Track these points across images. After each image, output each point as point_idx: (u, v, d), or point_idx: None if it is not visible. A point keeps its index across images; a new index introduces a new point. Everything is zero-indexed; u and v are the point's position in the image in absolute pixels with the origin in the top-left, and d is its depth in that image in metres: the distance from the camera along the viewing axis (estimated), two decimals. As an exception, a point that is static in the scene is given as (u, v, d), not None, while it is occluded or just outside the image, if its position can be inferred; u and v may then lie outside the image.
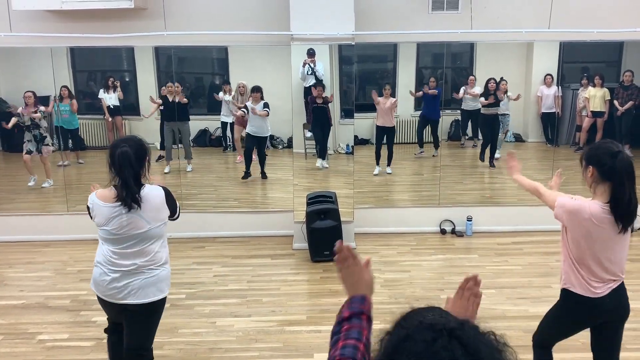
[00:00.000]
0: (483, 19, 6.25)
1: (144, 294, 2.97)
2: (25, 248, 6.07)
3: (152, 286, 2.99)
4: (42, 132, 6.78)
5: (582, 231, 2.63)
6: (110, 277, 2.95)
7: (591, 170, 2.61)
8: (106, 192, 2.93)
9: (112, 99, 7.43)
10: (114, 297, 2.98)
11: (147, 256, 2.97)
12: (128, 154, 2.83)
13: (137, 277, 2.96)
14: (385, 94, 7.02)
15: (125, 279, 2.95)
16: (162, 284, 3.05)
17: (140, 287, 2.96)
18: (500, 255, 5.69)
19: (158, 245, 3.02)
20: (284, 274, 5.33)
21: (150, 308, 3.01)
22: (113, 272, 2.95)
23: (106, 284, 2.97)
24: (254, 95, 6.84)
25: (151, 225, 2.94)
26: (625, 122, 7.28)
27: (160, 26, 6.10)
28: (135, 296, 2.96)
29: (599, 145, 2.75)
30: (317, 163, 6.85)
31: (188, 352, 3.89)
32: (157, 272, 3.01)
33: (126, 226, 2.89)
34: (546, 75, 7.40)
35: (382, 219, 6.38)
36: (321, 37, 5.68)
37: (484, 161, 7.39)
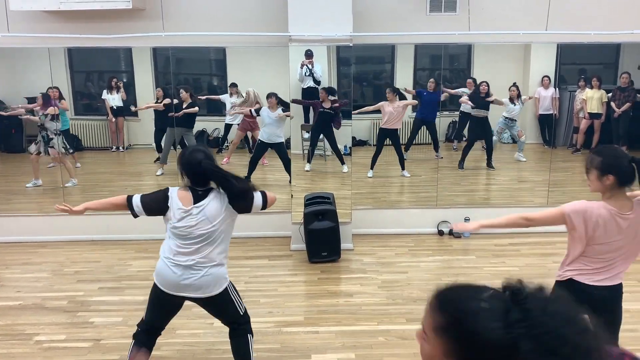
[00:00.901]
0: (481, 21, 6.26)
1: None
2: (21, 249, 6.06)
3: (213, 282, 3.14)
4: (49, 134, 6.75)
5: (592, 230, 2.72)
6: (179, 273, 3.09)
7: (611, 178, 2.64)
8: (184, 194, 3.09)
9: (115, 99, 7.44)
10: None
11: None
12: (211, 162, 3.07)
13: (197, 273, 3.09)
14: (389, 97, 6.97)
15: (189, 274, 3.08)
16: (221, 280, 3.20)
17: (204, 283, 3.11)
18: (497, 256, 5.70)
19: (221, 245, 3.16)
20: (282, 275, 5.33)
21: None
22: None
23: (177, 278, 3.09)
24: (269, 101, 6.68)
25: (215, 226, 3.07)
26: (623, 123, 7.30)
27: (158, 27, 6.10)
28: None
29: (611, 152, 2.75)
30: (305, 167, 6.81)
31: (185, 353, 3.89)
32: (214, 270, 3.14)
33: (194, 225, 3.05)
34: (543, 77, 7.42)
35: (380, 220, 6.38)
36: (319, 38, 5.68)
37: (462, 169, 7.34)
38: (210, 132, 7.93)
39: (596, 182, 2.71)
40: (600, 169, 2.66)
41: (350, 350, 3.89)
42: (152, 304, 3.23)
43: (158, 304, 3.21)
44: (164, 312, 3.26)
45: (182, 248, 3.06)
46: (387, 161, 7.29)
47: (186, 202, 3.05)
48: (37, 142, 6.78)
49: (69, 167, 6.87)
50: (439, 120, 7.21)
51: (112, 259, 5.69)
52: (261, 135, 6.84)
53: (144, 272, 5.35)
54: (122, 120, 7.57)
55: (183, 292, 3.10)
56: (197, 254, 3.07)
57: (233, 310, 3.28)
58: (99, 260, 5.70)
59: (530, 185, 7.33)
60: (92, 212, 3.43)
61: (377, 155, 7.14)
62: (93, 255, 5.82)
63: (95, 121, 7.66)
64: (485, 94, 7.03)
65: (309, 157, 6.79)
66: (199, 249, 3.06)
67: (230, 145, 7.54)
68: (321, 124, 6.63)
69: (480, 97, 7.08)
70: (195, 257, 3.06)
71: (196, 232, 3.03)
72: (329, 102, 6.45)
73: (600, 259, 2.79)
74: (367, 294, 4.82)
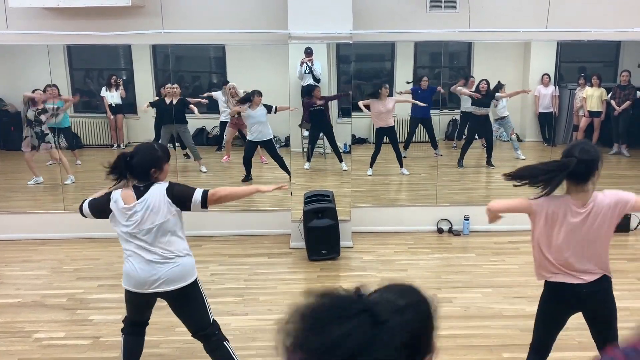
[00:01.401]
0: (481, 18, 6.25)
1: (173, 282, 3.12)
2: (21, 246, 6.06)
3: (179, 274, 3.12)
4: (43, 129, 6.72)
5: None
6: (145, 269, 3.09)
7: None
8: (126, 193, 3.09)
9: (114, 97, 7.42)
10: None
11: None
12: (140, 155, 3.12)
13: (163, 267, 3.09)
14: (382, 94, 6.96)
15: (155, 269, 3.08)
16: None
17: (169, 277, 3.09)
18: (497, 254, 5.70)
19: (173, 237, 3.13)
20: (281, 272, 5.33)
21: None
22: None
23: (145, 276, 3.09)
24: (255, 99, 6.70)
25: (164, 219, 3.07)
26: (623, 122, 7.30)
27: (157, 24, 6.09)
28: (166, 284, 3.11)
29: (569, 147, 2.77)
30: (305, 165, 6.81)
31: (185, 351, 3.89)
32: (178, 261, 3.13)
33: (141, 220, 3.04)
34: (543, 75, 7.41)
35: (380, 218, 6.38)
36: (319, 35, 5.67)
37: (462, 167, 7.34)
38: (209, 130, 7.92)
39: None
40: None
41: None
42: (128, 305, 3.28)
43: (132, 304, 3.26)
44: (140, 310, 3.30)
45: (141, 246, 3.06)
46: (386, 159, 7.29)
47: (129, 200, 3.06)
48: (26, 138, 6.72)
49: (66, 164, 6.87)
50: (438, 118, 7.20)
51: (111, 257, 5.69)
52: (248, 135, 6.85)
53: (143, 269, 5.36)
54: (122, 118, 7.56)
55: (154, 288, 3.08)
56: (157, 248, 3.06)
57: (203, 312, 3.22)
58: (99, 257, 5.70)
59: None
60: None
61: (377, 154, 7.14)
62: (92, 253, 5.82)
63: (95, 119, 7.65)
64: (486, 92, 7.02)
65: (309, 155, 6.79)
66: (157, 242, 3.05)
67: (225, 144, 7.53)
68: (318, 122, 6.63)
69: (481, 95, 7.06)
70: (157, 251, 3.06)
71: (145, 226, 3.03)
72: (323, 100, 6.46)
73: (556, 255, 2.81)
74: (367, 291, 4.81)
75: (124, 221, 3.06)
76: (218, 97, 7.52)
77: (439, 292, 4.77)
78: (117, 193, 3.10)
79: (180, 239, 3.15)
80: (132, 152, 3.11)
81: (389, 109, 6.93)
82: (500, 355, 3.78)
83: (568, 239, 2.74)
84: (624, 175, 7.27)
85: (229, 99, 7.24)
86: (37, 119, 6.66)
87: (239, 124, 7.30)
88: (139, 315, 3.32)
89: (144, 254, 3.06)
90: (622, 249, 5.65)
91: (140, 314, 3.33)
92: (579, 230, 2.73)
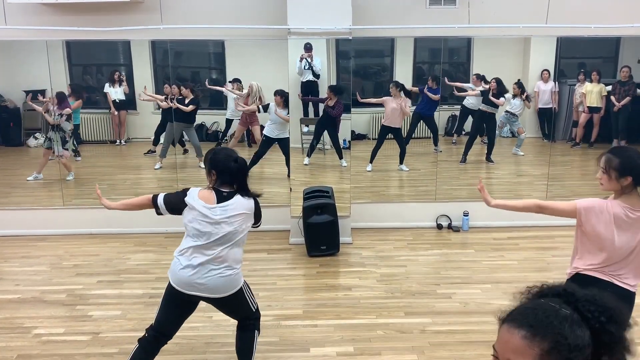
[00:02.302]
0: (480, 14, 6.24)
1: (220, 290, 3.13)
2: (20, 242, 6.06)
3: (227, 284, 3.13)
4: (65, 136, 6.73)
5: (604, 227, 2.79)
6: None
7: (629, 179, 2.73)
8: (206, 194, 3.08)
9: (117, 93, 7.41)
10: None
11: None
12: (246, 163, 3.15)
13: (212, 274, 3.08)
14: (393, 93, 6.95)
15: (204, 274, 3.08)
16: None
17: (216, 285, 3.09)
18: (496, 250, 5.71)
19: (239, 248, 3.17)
20: (281, 268, 5.33)
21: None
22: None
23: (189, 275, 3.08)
24: (276, 99, 6.68)
25: (236, 228, 3.08)
26: (622, 118, 7.30)
27: (156, 20, 6.07)
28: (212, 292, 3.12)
29: (630, 154, 2.81)
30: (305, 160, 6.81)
31: (184, 347, 3.89)
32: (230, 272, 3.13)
33: (216, 224, 3.04)
34: (543, 71, 7.41)
35: (379, 214, 6.38)
36: (318, 31, 5.66)
37: (465, 162, 7.32)
38: (209, 125, 7.91)
39: (614, 182, 2.79)
40: (619, 170, 2.75)
41: (349, 344, 3.90)
42: (166, 304, 3.18)
43: (172, 303, 3.16)
44: (177, 313, 3.20)
45: (199, 247, 3.04)
46: (386, 155, 7.29)
47: (210, 201, 3.04)
48: (51, 140, 6.72)
49: (66, 162, 6.87)
50: (438, 114, 7.20)
51: (111, 253, 5.69)
52: (268, 131, 6.83)
53: (142, 265, 5.36)
54: (125, 114, 7.55)
55: (196, 292, 3.07)
56: (213, 254, 3.04)
57: (246, 309, 3.30)
58: (98, 253, 5.70)
59: (529, 179, 7.34)
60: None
61: (377, 150, 7.14)
62: (92, 249, 5.82)
63: (93, 114, 7.64)
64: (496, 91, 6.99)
65: (309, 151, 6.79)
66: (216, 249, 3.04)
67: (232, 140, 7.53)
68: (325, 121, 6.63)
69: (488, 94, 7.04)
70: (211, 257, 3.04)
71: (217, 231, 3.02)
72: (334, 101, 6.44)
73: (608, 257, 2.81)
74: (366, 287, 4.83)
75: (198, 221, 3.03)
76: (227, 94, 7.48)
77: (438, 287, 4.78)
78: (195, 191, 3.10)
79: (239, 249, 3.16)
80: (235, 156, 3.10)
81: (393, 108, 6.92)
82: (499, 351, 3.78)
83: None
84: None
85: (253, 94, 7.09)
86: (62, 126, 6.63)
87: (249, 122, 7.29)
88: (172, 319, 3.20)
89: (197, 256, 3.04)
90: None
91: (174, 318, 3.21)
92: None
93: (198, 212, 3.03)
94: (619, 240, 2.77)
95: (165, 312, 3.19)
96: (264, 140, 6.90)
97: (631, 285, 2.83)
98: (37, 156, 6.94)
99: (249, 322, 3.34)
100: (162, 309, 3.20)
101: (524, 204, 3.15)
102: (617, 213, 2.76)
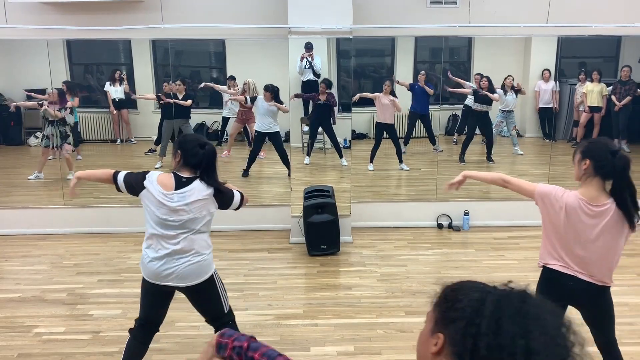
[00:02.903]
0: (481, 13, 6.23)
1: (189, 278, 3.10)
2: (21, 241, 6.06)
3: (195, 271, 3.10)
4: (67, 130, 6.71)
5: (556, 216, 2.76)
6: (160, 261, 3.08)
7: (587, 163, 2.67)
8: (166, 179, 3.04)
9: (118, 92, 7.40)
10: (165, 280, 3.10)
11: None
12: (215, 151, 3.08)
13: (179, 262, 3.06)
14: (385, 90, 6.98)
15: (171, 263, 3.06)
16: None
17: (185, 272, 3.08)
18: (496, 249, 5.71)
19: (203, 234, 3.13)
20: (281, 268, 5.33)
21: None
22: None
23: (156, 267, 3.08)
24: (265, 94, 6.70)
25: (202, 214, 3.05)
26: (623, 117, 7.29)
27: (157, 19, 6.07)
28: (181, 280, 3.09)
29: (598, 141, 2.86)
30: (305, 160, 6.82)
31: (185, 346, 3.90)
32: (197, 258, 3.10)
33: (174, 211, 3.01)
34: (544, 70, 7.40)
35: (379, 214, 6.38)
36: (319, 30, 5.65)
37: (463, 162, 7.32)
38: (209, 124, 7.91)
39: (576, 167, 2.75)
40: (581, 153, 2.72)
41: (349, 343, 3.90)
42: (143, 296, 3.23)
43: (149, 294, 3.20)
44: (154, 304, 3.23)
45: (161, 237, 3.03)
46: (386, 154, 7.29)
47: (168, 187, 3.00)
48: (49, 137, 6.72)
49: (69, 157, 6.85)
50: (438, 113, 7.19)
51: (111, 252, 5.69)
52: (257, 126, 6.86)
53: (143, 264, 5.37)
54: (127, 113, 7.55)
55: (167, 282, 3.07)
56: (176, 242, 3.02)
57: (218, 304, 3.22)
58: (99, 252, 5.70)
59: (530, 178, 7.30)
60: (83, 181, 3.42)
61: (376, 150, 7.14)
62: (92, 248, 5.82)
63: (94, 113, 7.63)
64: (487, 89, 7.00)
65: (309, 150, 6.79)
66: (178, 238, 3.02)
67: (229, 138, 7.53)
68: (319, 117, 6.64)
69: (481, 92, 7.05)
70: (176, 248, 3.02)
71: (176, 218, 2.98)
72: (325, 95, 6.46)
73: (567, 250, 2.77)
74: (366, 287, 4.83)
75: (155, 207, 3.00)
76: (223, 91, 7.49)
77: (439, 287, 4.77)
78: (154, 174, 3.06)
79: (204, 236, 3.12)
80: (204, 142, 3.07)
81: (385, 104, 6.95)
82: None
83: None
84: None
85: (250, 91, 7.10)
86: (62, 119, 6.62)
87: (245, 119, 7.29)
88: (151, 309, 3.24)
89: (164, 246, 3.03)
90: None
91: (153, 309, 3.25)
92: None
93: (155, 199, 2.99)
94: (569, 231, 2.72)
95: (145, 303, 3.24)
96: (255, 137, 6.93)
97: (600, 280, 2.75)
98: (38, 155, 6.93)
99: (222, 326, 3.20)
100: (142, 300, 3.24)
101: (491, 176, 3.13)
102: (570, 204, 2.69)
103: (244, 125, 7.43)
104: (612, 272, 2.78)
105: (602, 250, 2.72)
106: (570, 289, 2.79)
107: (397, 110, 7.04)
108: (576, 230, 2.72)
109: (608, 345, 2.86)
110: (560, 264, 2.80)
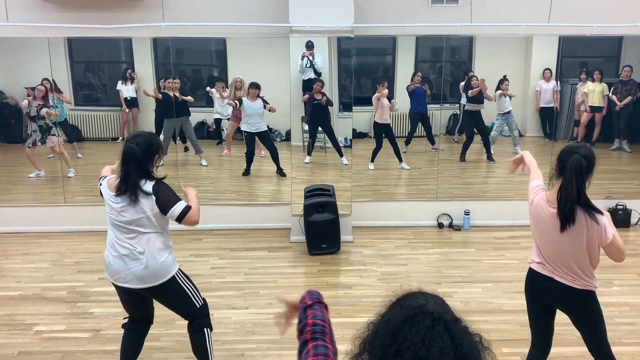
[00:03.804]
0: (482, 13, 6.24)
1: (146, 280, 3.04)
2: (22, 239, 6.07)
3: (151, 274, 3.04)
4: (47, 122, 6.71)
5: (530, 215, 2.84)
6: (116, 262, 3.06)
7: (555, 164, 2.73)
8: (112, 182, 3.03)
9: (129, 90, 7.41)
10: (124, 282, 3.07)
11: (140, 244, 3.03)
12: (134, 150, 2.89)
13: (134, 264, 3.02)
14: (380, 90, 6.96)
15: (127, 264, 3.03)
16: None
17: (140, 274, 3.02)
18: (497, 249, 5.71)
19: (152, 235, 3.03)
20: (281, 266, 5.33)
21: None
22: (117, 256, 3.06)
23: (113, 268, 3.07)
24: (252, 92, 6.76)
25: (142, 215, 2.98)
26: (624, 117, 7.29)
27: (158, 17, 6.08)
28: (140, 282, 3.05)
29: (575, 144, 2.90)
30: (306, 159, 6.83)
31: (185, 344, 3.89)
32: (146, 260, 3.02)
33: (119, 212, 2.99)
34: (545, 70, 7.39)
35: (380, 213, 6.39)
36: (320, 29, 5.65)
37: (465, 161, 7.33)
38: (210, 124, 7.91)
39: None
40: (558, 154, 2.75)
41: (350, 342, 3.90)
42: (119, 297, 3.25)
43: (120, 295, 3.21)
44: (129, 303, 3.23)
45: (117, 238, 3.04)
46: (387, 154, 7.29)
47: (113, 188, 3.00)
48: (31, 134, 6.72)
49: (67, 158, 6.86)
50: (439, 112, 7.20)
51: (112, 250, 5.69)
52: (245, 127, 6.86)
53: (143, 263, 5.37)
54: (137, 111, 7.56)
55: (126, 284, 3.04)
56: (130, 243, 3.00)
57: (187, 302, 3.17)
58: (99, 251, 5.67)
59: (530, 178, 7.31)
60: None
61: (378, 150, 7.15)
62: (93, 246, 5.82)
63: (96, 112, 7.63)
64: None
65: (309, 149, 6.79)
66: (133, 238, 3.00)
67: (227, 137, 7.54)
68: (317, 116, 6.64)
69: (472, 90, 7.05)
70: (130, 247, 3.00)
71: (121, 219, 2.97)
72: (321, 95, 6.47)
73: (543, 249, 2.80)
74: (367, 286, 4.83)
75: (108, 209, 3.04)
76: (213, 93, 7.52)
77: (439, 286, 4.78)
78: (106, 180, 3.07)
79: (158, 237, 3.03)
80: (131, 138, 2.96)
81: (385, 105, 6.95)
82: (500, 350, 3.78)
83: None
84: (624, 171, 7.28)
85: (232, 90, 7.19)
86: (38, 114, 6.63)
87: (240, 117, 7.30)
88: (130, 308, 3.25)
89: (119, 247, 3.02)
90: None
91: (131, 308, 3.25)
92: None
93: (106, 202, 3.03)
94: (538, 231, 2.79)
95: (122, 303, 3.27)
96: (245, 137, 6.95)
97: (580, 284, 2.71)
98: (38, 153, 6.93)
99: (196, 322, 3.23)
100: (120, 300, 3.26)
101: (534, 167, 3.11)
102: (535, 202, 2.77)
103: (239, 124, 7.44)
104: (590, 275, 2.72)
105: (568, 251, 2.68)
106: (550, 290, 2.80)
107: (393, 110, 7.07)
108: (543, 231, 2.76)
109: (599, 350, 2.83)
110: (539, 261, 2.84)
